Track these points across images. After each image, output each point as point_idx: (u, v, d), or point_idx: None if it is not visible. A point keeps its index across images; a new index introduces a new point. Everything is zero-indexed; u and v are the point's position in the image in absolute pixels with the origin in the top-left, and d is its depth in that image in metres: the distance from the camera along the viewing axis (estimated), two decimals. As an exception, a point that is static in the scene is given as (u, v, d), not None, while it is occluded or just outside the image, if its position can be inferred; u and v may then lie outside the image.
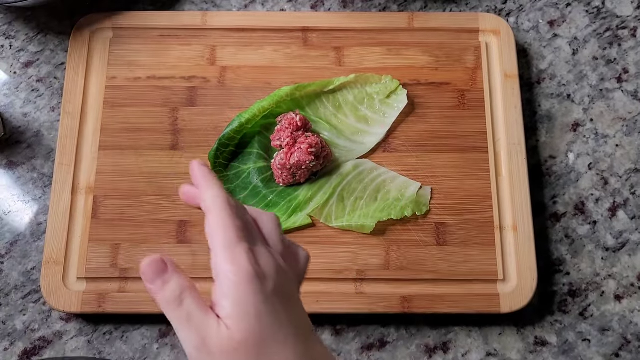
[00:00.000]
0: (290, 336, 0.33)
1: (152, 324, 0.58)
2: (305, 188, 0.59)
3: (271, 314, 0.32)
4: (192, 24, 0.65)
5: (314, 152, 0.56)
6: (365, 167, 0.59)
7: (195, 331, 0.33)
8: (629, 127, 0.65)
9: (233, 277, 0.33)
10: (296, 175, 0.57)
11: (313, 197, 0.58)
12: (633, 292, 0.60)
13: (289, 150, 0.57)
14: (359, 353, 0.58)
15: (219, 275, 0.34)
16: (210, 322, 0.33)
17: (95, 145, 0.60)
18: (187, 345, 0.33)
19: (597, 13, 0.69)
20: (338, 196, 0.58)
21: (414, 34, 0.65)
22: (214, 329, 0.32)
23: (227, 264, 0.34)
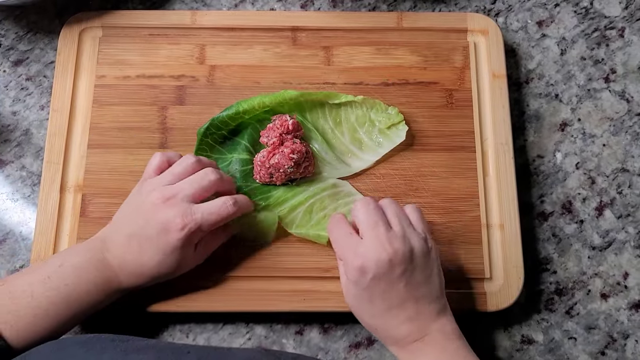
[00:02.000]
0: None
1: (139, 321, 0.58)
2: (279, 190, 0.58)
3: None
4: (182, 23, 0.65)
5: (294, 158, 0.56)
6: (343, 189, 0.59)
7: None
8: (616, 127, 0.65)
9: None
10: (273, 177, 0.57)
11: (284, 202, 0.58)
12: (619, 290, 0.60)
13: (272, 150, 0.57)
14: (347, 351, 0.58)
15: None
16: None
17: (84, 143, 0.61)
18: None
19: (585, 13, 0.69)
20: (308, 207, 0.58)
21: (402, 34, 0.65)
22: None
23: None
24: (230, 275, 0.57)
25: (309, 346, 0.58)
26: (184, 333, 0.58)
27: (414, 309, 0.48)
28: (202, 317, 0.58)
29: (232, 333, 0.58)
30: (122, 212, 0.54)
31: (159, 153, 0.54)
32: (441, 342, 0.48)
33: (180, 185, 0.51)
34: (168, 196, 0.51)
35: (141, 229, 0.50)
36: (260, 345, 0.58)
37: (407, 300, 0.48)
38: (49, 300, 0.48)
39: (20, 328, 0.47)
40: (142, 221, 0.51)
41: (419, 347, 0.48)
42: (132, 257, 0.51)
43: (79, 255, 0.51)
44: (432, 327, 0.48)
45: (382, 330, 0.50)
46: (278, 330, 0.58)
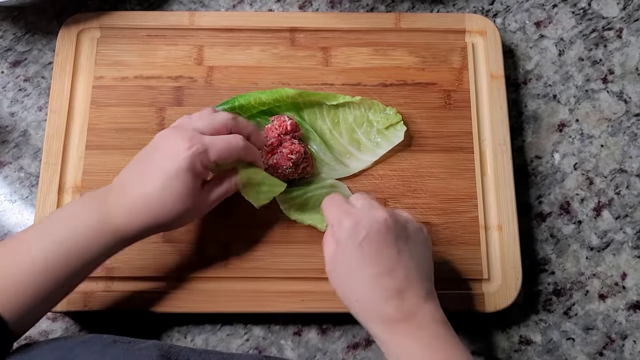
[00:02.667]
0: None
1: (137, 323, 0.58)
2: None
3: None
4: (180, 24, 0.65)
5: (293, 159, 0.56)
6: (340, 190, 0.59)
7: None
8: (614, 128, 0.65)
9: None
10: None
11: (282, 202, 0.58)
12: (617, 291, 0.60)
13: (271, 150, 0.57)
14: (345, 352, 0.58)
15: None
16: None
17: (82, 144, 0.61)
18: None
19: (583, 14, 0.69)
20: (304, 200, 0.58)
21: (400, 35, 0.65)
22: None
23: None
24: (228, 276, 0.57)
25: (307, 347, 0.58)
26: (182, 334, 0.58)
27: (404, 281, 0.45)
28: (200, 318, 0.58)
29: (230, 334, 0.58)
30: (130, 162, 0.50)
31: (186, 115, 0.52)
32: (432, 326, 0.45)
33: (192, 121, 0.50)
34: (177, 125, 0.49)
35: (146, 156, 0.48)
36: (258, 346, 0.58)
37: (397, 269, 0.45)
38: (45, 257, 0.45)
39: (19, 296, 0.44)
40: (150, 151, 0.48)
41: (407, 330, 0.44)
42: (133, 190, 0.47)
43: (75, 205, 0.48)
44: (422, 309, 0.45)
45: (367, 303, 0.46)
46: (276, 331, 0.58)
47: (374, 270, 0.45)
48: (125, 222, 0.47)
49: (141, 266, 0.57)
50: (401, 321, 0.45)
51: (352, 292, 0.47)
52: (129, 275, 0.57)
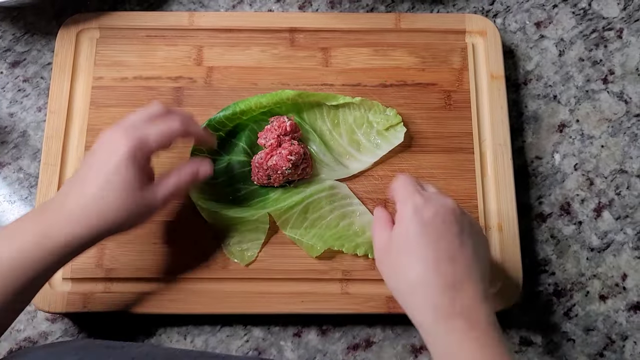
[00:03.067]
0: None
1: (137, 324, 0.58)
2: (277, 192, 0.58)
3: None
4: (179, 24, 0.65)
5: (292, 160, 0.56)
6: (340, 191, 0.59)
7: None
8: (614, 128, 0.65)
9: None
10: (271, 178, 0.57)
11: (281, 203, 0.58)
12: (617, 292, 0.60)
13: (270, 151, 0.57)
14: (345, 353, 0.58)
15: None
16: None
17: (82, 145, 0.60)
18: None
19: (584, 14, 0.69)
20: (303, 207, 0.58)
21: (400, 35, 0.65)
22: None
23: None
24: (228, 277, 0.57)
25: (307, 348, 0.58)
26: (181, 335, 0.58)
27: (464, 273, 0.43)
28: (199, 319, 0.58)
29: (230, 335, 0.58)
30: (70, 177, 0.49)
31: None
32: (488, 328, 0.42)
33: (128, 119, 0.49)
34: (115, 126, 0.48)
35: (84, 163, 0.47)
36: (258, 347, 0.58)
37: (458, 259, 0.43)
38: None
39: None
40: (86, 157, 0.47)
41: (462, 327, 0.41)
42: (72, 200, 0.45)
43: (12, 225, 0.45)
44: (480, 308, 0.42)
45: (422, 289, 0.43)
46: (276, 332, 0.58)
47: (434, 255, 0.43)
48: (67, 233, 0.44)
49: (140, 267, 0.57)
50: (456, 316, 0.42)
51: (406, 276, 0.44)
52: (128, 276, 0.57)
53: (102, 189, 0.45)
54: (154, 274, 0.57)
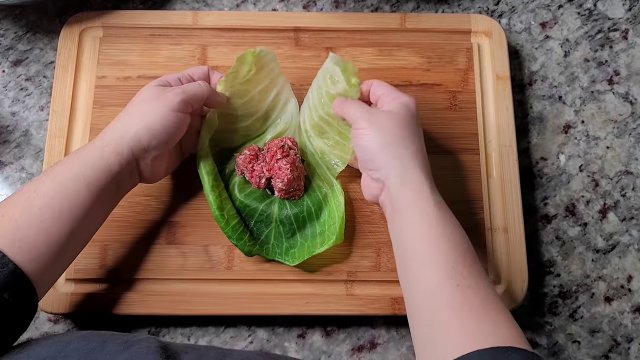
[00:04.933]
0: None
1: (140, 325, 0.58)
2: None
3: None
4: (183, 23, 0.64)
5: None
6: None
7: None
8: (620, 129, 0.65)
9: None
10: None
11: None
12: (623, 293, 0.60)
13: (269, 161, 0.57)
14: (350, 354, 0.57)
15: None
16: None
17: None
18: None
19: (589, 15, 0.69)
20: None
21: (405, 35, 0.65)
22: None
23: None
24: (232, 278, 0.56)
25: (311, 349, 0.57)
26: (185, 336, 0.58)
27: (420, 149, 0.52)
28: (204, 320, 0.58)
29: (234, 336, 0.58)
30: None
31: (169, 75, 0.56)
32: (434, 196, 0.50)
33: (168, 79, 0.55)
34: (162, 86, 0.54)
35: (141, 105, 0.52)
36: (262, 348, 0.57)
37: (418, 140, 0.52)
38: (51, 199, 0.46)
39: (25, 246, 0.44)
40: (142, 103, 0.52)
41: (417, 188, 0.49)
42: (129, 109, 0.52)
43: (80, 150, 0.51)
44: (428, 181, 0.50)
45: (398, 162, 0.50)
46: (280, 333, 0.58)
47: (418, 141, 0.52)
48: (127, 124, 0.51)
49: (144, 268, 0.56)
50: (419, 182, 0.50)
51: (390, 151, 0.50)
52: (131, 277, 0.56)
53: (153, 98, 0.52)
54: (157, 275, 0.56)
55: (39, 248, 0.45)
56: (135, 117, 0.51)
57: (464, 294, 0.43)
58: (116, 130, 0.51)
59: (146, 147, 0.51)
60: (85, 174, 0.48)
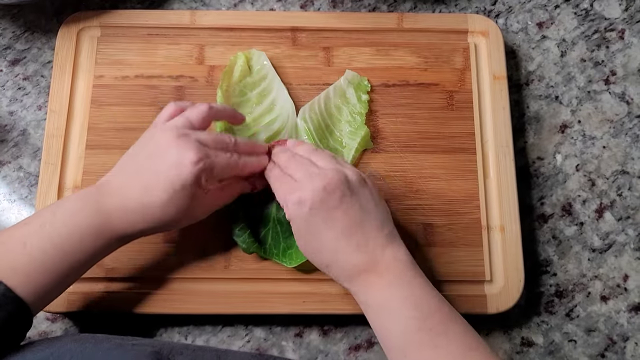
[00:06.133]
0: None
1: (137, 324, 0.58)
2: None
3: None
4: (181, 22, 0.64)
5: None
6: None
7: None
8: (616, 129, 0.65)
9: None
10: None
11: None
12: (619, 293, 0.60)
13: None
14: (347, 354, 0.58)
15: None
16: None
17: (82, 144, 0.60)
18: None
19: (586, 15, 0.69)
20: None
21: (403, 35, 0.65)
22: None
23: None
24: (229, 277, 0.57)
25: (309, 348, 0.58)
26: (182, 335, 0.58)
27: (361, 235, 0.47)
28: (201, 319, 0.58)
29: (231, 335, 0.58)
30: (127, 156, 0.51)
31: (172, 102, 0.53)
32: (394, 271, 0.47)
33: (197, 132, 0.50)
34: (183, 133, 0.49)
35: (150, 164, 0.48)
36: (259, 347, 0.58)
37: (351, 226, 0.47)
38: (43, 251, 0.45)
39: (20, 281, 0.44)
40: (152, 157, 0.48)
41: (372, 279, 0.47)
42: (134, 197, 0.47)
43: (72, 202, 0.47)
44: (385, 254, 0.47)
45: (334, 264, 0.48)
46: (277, 332, 0.58)
47: (328, 235, 0.47)
48: (124, 227, 0.48)
49: (141, 267, 0.56)
50: (368, 271, 0.47)
51: (319, 260, 0.49)
52: (128, 275, 0.56)
53: (167, 200, 0.47)
54: (155, 274, 0.56)
55: (32, 282, 0.45)
56: (140, 212, 0.48)
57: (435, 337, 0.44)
58: (114, 220, 0.47)
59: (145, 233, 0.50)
60: (83, 239, 0.47)
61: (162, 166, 0.47)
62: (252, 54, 0.62)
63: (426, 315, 0.45)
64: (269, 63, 0.61)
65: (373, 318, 0.48)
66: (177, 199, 0.47)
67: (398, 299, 0.46)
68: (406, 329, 0.45)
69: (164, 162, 0.48)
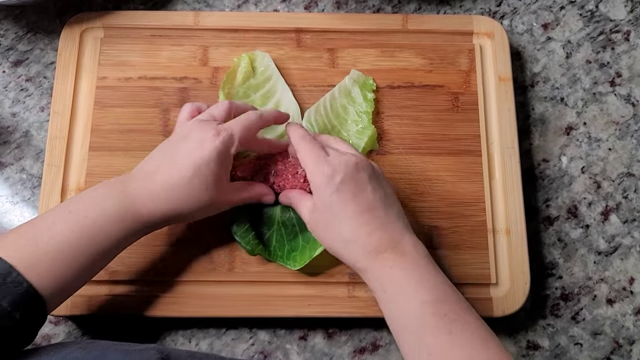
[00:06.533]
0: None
1: (141, 327, 0.57)
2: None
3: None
4: (184, 24, 0.64)
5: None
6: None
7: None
8: (622, 131, 0.65)
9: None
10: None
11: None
12: (625, 296, 0.60)
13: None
14: (351, 357, 0.57)
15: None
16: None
17: (86, 146, 0.60)
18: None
19: (591, 16, 0.69)
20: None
21: (408, 36, 0.64)
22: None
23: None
24: (234, 280, 0.56)
25: (313, 352, 0.57)
26: (186, 338, 0.57)
27: (385, 216, 0.48)
28: (204, 322, 0.58)
29: (236, 338, 0.57)
30: (153, 152, 0.52)
31: (188, 103, 0.55)
32: (412, 255, 0.48)
33: (211, 113, 0.52)
34: (205, 120, 0.51)
35: (174, 149, 0.49)
36: (263, 350, 0.57)
37: (376, 206, 0.48)
38: (69, 236, 0.45)
39: (41, 273, 0.44)
40: (177, 143, 0.50)
41: (392, 258, 0.47)
42: (159, 179, 0.48)
43: (100, 189, 0.48)
44: (404, 237, 0.48)
45: (356, 240, 0.48)
46: (282, 335, 0.58)
47: (355, 208, 0.48)
48: (150, 209, 0.48)
49: (145, 270, 0.56)
50: (386, 250, 0.48)
51: (338, 235, 0.49)
52: (132, 278, 0.56)
53: (191, 177, 0.48)
54: (159, 277, 0.56)
55: (56, 273, 0.44)
56: (166, 198, 0.48)
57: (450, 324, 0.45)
58: (140, 206, 0.48)
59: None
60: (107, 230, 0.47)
61: (186, 148, 0.49)
62: (256, 55, 0.62)
63: (441, 300, 0.46)
64: (273, 64, 0.61)
65: (387, 300, 0.47)
66: (201, 177, 0.48)
67: (414, 281, 0.46)
68: (421, 312, 0.45)
69: (187, 144, 0.49)
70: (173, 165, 0.49)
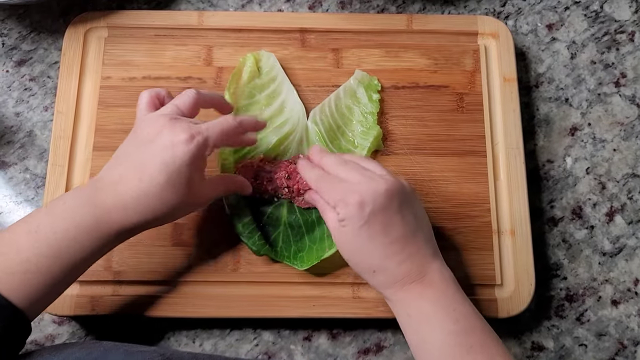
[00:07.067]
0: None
1: (145, 327, 0.57)
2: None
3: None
4: (188, 23, 0.64)
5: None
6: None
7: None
8: (627, 132, 0.65)
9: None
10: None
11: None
12: (629, 297, 0.60)
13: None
14: (356, 358, 0.57)
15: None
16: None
17: (90, 146, 0.60)
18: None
19: (596, 17, 0.69)
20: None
21: (412, 36, 0.64)
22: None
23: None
24: (238, 280, 0.56)
25: (317, 352, 0.57)
26: (190, 339, 0.57)
27: (414, 245, 0.47)
28: (209, 322, 0.58)
29: (240, 339, 0.57)
30: (118, 151, 0.49)
31: (146, 90, 0.51)
32: (440, 285, 0.47)
33: (188, 119, 0.48)
34: (173, 118, 0.47)
35: (142, 153, 0.46)
36: (267, 351, 0.57)
37: (406, 235, 0.47)
38: (38, 253, 0.43)
39: (15, 287, 0.42)
40: (144, 145, 0.46)
41: (419, 290, 0.47)
42: (130, 187, 0.45)
43: (67, 200, 0.46)
44: (431, 267, 0.47)
45: (383, 270, 0.47)
46: (286, 336, 0.58)
47: (384, 240, 0.47)
48: (122, 218, 0.46)
49: (149, 270, 0.56)
50: (413, 281, 0.47)
51: (367, 264, 0.48)
52: (137, 279, 0.56)
53: (162, 184, 0.45)
54: (163, 277, 0.56)
55: (28, 287, 0.43)
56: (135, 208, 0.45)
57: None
58: (108, 213, 0.45)
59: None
60: (77, 238, 0.45)
61: (155, 151, 0.45)
62: (262, 55, 0.61)
63: (468, 331, 0.45)
64: (278, 65, 0.61)
65: (412, 330, 0.47)
66: (174, 183, 0.45)
67: (441, 312, 0.46)
68: (446, 343, 0.45)
69: (156, 147, 0.45)
70: (143, 171, 0.45)
